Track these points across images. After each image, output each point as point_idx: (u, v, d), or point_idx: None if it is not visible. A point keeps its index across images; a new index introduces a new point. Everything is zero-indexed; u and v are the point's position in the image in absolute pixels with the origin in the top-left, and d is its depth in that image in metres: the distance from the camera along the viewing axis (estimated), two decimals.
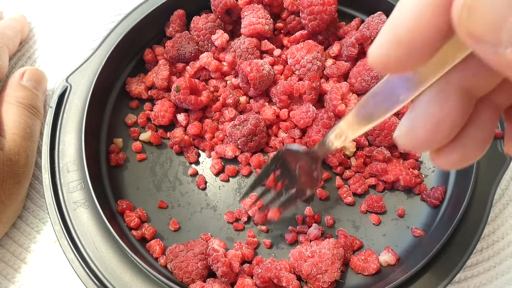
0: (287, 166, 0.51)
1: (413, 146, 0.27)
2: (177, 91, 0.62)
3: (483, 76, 0.23)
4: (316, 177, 0.49)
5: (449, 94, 0.25)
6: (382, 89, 0.29)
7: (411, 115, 0.26)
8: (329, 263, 0.52)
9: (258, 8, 0.67)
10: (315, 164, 0.48)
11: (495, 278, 0.59)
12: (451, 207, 0.57)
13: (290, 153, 0.50)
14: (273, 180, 0.54)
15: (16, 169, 0.58)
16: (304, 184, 0.51)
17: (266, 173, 0.54)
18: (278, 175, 0.53)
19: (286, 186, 0.53)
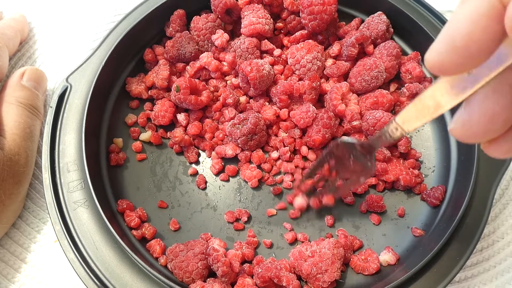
0: (342, 157, 0.53)
1: (469, 137, 0.29)
2: (177, 91, 0.62)
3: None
4: (370, 166, 0.50)
5: (504, 92, 0.27)
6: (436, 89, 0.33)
7: (467, 110, 0.29)
8: (329, 262, 0.52)
9: (258, 8, 0.67)
10: (369, 155, 0.50)
11: (495, 278, 0.59)
12: (451, 207, 0.57)
13: (344, 145, 0.52)
14: (327, 170, 0.56)
15: (16, 169, 0.58)
16: (357, 173, 0.52)
17: (321, 164, 0.56)
18: (332, 165, 0.55)
19: (340, 175, 0.55)
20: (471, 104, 0.29)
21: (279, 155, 0.64)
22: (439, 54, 0.25)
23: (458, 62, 0.24)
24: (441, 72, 0.26)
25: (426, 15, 0.68)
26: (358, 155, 0.51)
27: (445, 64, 0.25)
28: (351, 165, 0.52)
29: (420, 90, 0.65)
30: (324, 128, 0.61)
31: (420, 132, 0.67)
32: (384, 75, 0.65)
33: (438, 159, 0.64)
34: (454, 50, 0.24)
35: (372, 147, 0.49)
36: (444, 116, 0.65)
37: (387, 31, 0.68)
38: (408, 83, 0.66)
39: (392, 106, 0.65)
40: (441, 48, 0.25)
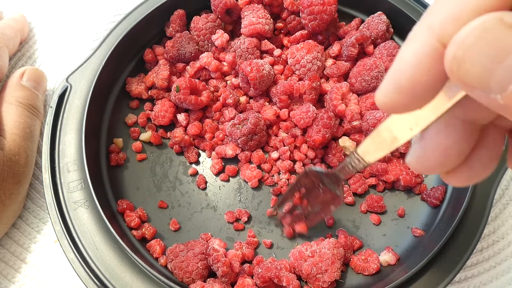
0: (311, 185, 0.54)
1: (424, 170, 0.30)
2: (177, 91, 0.62)
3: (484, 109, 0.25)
4: (340, 195, 0.51)
5: (455, 126, 0.28)
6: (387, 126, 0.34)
7: (421, 144, 0.30)
8: (329, 262, 0.52)
9: (258, 8, 0.67)
10: (337, 184, 0.51)
11: (495, 278, 0.59)
12: (451, 207, 0.57)
13: (312, 174, 0.53)
14: (299, 198, 0.57)
15: (16, 169, 0.58)
16: (328, 201, 0.53)
17: (292, 192, 0.56)
18: (303, 193, 0.56)
19: (311, 203, 0.55)
20: (425, 138, 0.29)
21: (279, 155, 0.64)
22: (387, 95, 0.25)
23: (404, 102, 0.25)
24: (390, 111, 0.26)
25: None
26: (327, 184, 0.52)
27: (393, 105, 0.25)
28: (321, 194, 0.53)
29: None
30: (324, 128, 0.61)
31: None
32: (384, 75, 0.65)
33: None
34: (400, 91, 0.24)
35: (338, 178, 0.49)
36: None
37: (387, 31, 0.68)
38: None
39: None
40: (388, 89, 0.25)
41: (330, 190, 0.52)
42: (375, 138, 0.36)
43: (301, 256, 0.54)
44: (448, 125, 0.28)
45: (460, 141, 0.28)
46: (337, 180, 0.50)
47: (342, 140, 0.63)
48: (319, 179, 0.53)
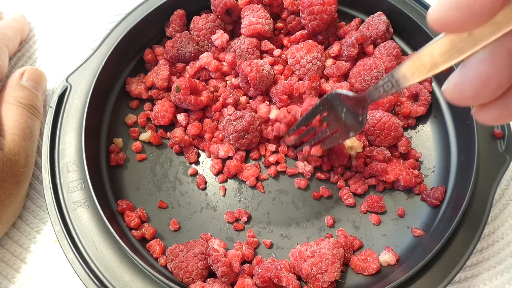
0: (334, 109, 0.53)
1: (460, 99, 0.29)
2: (177, 91, 0.62)
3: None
4: (361, 121, 0.51)
5: (501, 56, 0.27)
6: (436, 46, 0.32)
7: (462, 72, 0.29)
8: (329, 263, 0.52)
9: (258, 8, 0.67)
10: (362, 109, 0.50)
11: (495, 278, 0.59)
12: (451, 207, 0.57)
13: (338, 97, 0.52)
14: (319, 120, 0.56)
15: (16, 169, 0.58)
16: (348, 126, 0.53)
17: (313, 114, 0.56)
18: (324, 116, 0.55)
19: (331, 127, 0.55)
20: (467, 66, 0.29)
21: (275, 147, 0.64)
22: (442, 11, 0.25)
23: (460, 19, 0.24)
24: (443, 29, 0.26)
25: (426, 15, 0.68)
26: (351, 107, 0.51)
27: (448, 21, 0.25)
28: (342, 118, 0.53)
29: (420, 90, 0.65)
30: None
31: (420, 132, 0.67)
32: (384, 75, 0.65)
33: (438, 159, 0.64)
34: (458, 7, 0.24)
35: (366, 100, 0.48)
36: (444, 116, 0.65)
37: (387, 31, 0.68)
38: None
39: (392, 106, 0.65)
40: (444, 4, 0.25)
41: (353, 114, 0.51)
42: (415, 61, 0.35)
43: (301, 256, 0.54)
44: (494, 53, 0.27)
45: (503, 73, 0.27)
46: (363, 104, 0.49)
47: (349, 140, 0.63)
48: (344, 101, 0.52)
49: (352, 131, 0.52)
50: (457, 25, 0.25)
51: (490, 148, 0.59)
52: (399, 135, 0.62)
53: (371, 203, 0.60)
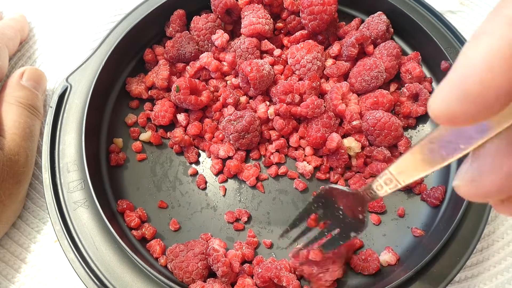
0: (331, 206, 0.49)
1: (479, 195, 0.26)
2: (177, 91, 0.62)
3: None
4: (362, 220, 0.46)
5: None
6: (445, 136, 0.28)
7: (476, 164, 0.25)
8: (330, 262, 0.52)
9: (258, 8, 0.67)
10: (361, 207, 0.46)
11: (495, 278, 0.59)
12: (451, 207, 0.57)
13: (334, 192, 0.48)
14: (314, 220, 0.51)
15: (16, 169, 0.58)
16: (348, 225, 0.48)
17: (308, 212, 0.51)
18: (320, 215, 0.50)
19: (329, 227, 0.50)
20: (481, 158, 0.25)
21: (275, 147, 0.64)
22: (448, 103, 0.21)
23: (471, 112, 0.21)
24: (450, 123, 0.22)
25: (426, 15, 0.68)
26: (350, 205, 0.47)
27: (456, 115, 0.21)
28: (341, 216, 0.48)
29: (420, 90, 0.64)
30: (323, 127, 0.61)
31: (420, 132, 0.67)
32: (384, 75, 0.65)
33: None
34: (467, 98, 0.21)
35: (363, 198, 0.45)
36: None
37: (387, 31, 0.68)
38: (408, 83, 0.66)
39: (392, 106, 0.65)
40: (449, 95, 0.21)
41: (353, 212, 0.46)
42: (416, 154, 0.31)
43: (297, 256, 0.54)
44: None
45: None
46: (361, 202, 0.45)
47: (347, 141, 0.63)
48: (341, 198, 0.47)
49: (353, 231, 0.47)
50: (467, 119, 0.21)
51: None
52: (399, 135, 0.62)
53: (371, 203, 0.60)
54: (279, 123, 0.63)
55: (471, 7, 0.81)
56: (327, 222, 0.50)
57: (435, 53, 0.65)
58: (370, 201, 0.44)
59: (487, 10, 0.81)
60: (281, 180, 0.64)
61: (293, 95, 0.63)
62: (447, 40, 0.66)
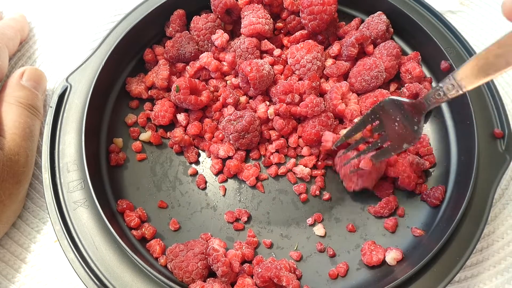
0: (387, 118, 0.51)
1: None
2: (177, 91, 0.62)
3: None
4: (416, 131, 0.48)
5: None
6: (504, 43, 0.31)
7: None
8: (367, 172, 0.55)
9: (258, 8, 0.67)
10: (418, 117, 0.47)
11: (495, 278, 0.59)
12: (451, 207, 0.57)
13: (392, 104, 0.50)
14: (370, 130, 0.54)
15: (16, 169, 0.58)
16: (402, 137, 0.50)
17: (364, 123, 0.53)
18: (375, 126, 0.53)
19: (383, 138, 0.52)
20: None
21: (275, 147, 0.64)
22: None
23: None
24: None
25: (426, 15, 0.68)
26: (406, 116, 0.48)
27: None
28: (396, 128, 0.50)
29: (420, 90, 0.64)
30: (319, 125, 0.61)
31: None
32: (384, 75, 0.65)
33: (438, 159, 0.64)
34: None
35: (423, 107, 0.46)
36: (444, 116, 0.65)
37: (387, 31, 0.68)
38: (408, 83, 0.66)
39: None
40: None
41: (408, 123, 0.48)
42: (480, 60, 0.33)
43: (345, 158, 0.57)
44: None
45: None
46: (419, 111, 0.47)
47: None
48: (398, 110, 0.49)
49: (406, 142, 0.50)
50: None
51: (490, 148, 0.59)
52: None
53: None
54: (279, 123, 0.63)
55: (471, 7, 0.81)
56: (382, 133, 0.52)
57: (435, 53, 0.65)
58: (428, 109, 0.45)
59: (487, 10, 0.81)
60: (281, 180, 0.64)
61: (293, 95, 0.63)
62: (447, 40, 0.66)
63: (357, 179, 0.58)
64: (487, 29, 0.79)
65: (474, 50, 0.65)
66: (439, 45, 0.64)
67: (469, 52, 0.65)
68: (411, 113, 0.48)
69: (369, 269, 0.57)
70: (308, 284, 0.55)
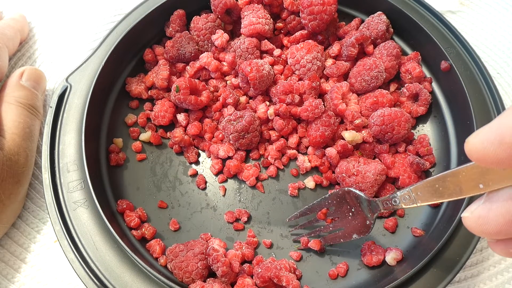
0: (343, 206, 0.54)
1: (480, 232, 0.29)
2: (177, 91, 0.62)
3: None
4: (368, 226, 0.52)
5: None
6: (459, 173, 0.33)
7: (487, 206, 0.28)
8: (369, 185, 0.58)
9: (258, 8, 0.67)
10: (371, 214, 0.51)
11: (495, 278, 0.59)
12: (451, 207, 0.57)
13: (351, 195, 0.53)
14: (324, 214, 0.58)
15: (16, 169, 0.58)
16: (353, 227, 0.53)
17: (321, 205, 0.56)
18: (330, 211, 0.56)
19: (334, 223, 0.56)
20: (493, 200, 0.28)
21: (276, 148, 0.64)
22: (484, 145, 0.24)
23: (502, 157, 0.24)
24: (480, 161, 0.25)
25: (426, 15, 0.68)
26: (362, 209, 0.52)
27: (488, 156, 0.24)
28: (349, 218, 0.54)
29: (420, 90, 0.64)
30: (323, 126, 0.61)
31: (420, 132, 0.66)
32: (384, 75, 0.65)
33: (438, 159, 0.64)
34: (501, 145, 0.23)
35: (377, 207, 0.50)
36: (444, 116, 0.65)
37: (387, 31, 0.68)
38: (408, 83, 0.66)
39: (392, 106, 0.65)
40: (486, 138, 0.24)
41: (362, 216, 0.52)
42: (437, 182, 0.35)
43: (347, 172, 0.58)
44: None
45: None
46: (374, 209, 0.51)
47: (349, 135, 0.62)
48: (356, 201, 0.53)
49: (357, 233, 0.53)
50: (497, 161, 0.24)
51: None
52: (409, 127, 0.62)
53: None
54: (279, 123, 0.63)
55: (471, 7, 0.81)
56: (335, 219, 0.55)
57: (435, 53, 0.65)
58: (383, 211, 0.49)
59: (487, 10, 0.81)
60: (281, 180, 0.64)
61: (293, 95, 0.63)
62: (447, 40, 0.66)
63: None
64: (487, 29, 0.79)
65: (474, 50, 0.65)
66: (439, 45, 0.64)
67: (469, 52, 0.65)
68: (366, 208, 0.52)
69: (369, 269, 0.57)
70: (308, 284, 0.55)
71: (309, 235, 0.58)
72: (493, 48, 0.77)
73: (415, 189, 0.40)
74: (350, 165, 0.59)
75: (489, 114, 0.61)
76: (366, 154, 0.63)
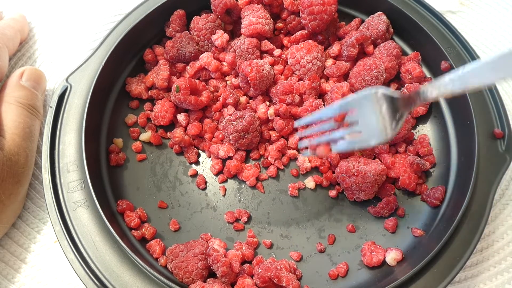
0: (367, 108, 0.47)
1: None
2: (177, 91, 0.62)
3: None
4: (394, 129, 0.45)
5: None
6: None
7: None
8: (369, 185, 0.57)
9: (258, 8, 0.67)
10: (401, 113, 0.44)
11: (495, 278, 0.59)
12: (451, 207, 0.57)
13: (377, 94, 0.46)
14: (341, 117, 0.50)
15: (16, 169, 0.58)
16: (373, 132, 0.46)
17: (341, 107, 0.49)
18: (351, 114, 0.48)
19: (353, 127, 0.48)
20: None
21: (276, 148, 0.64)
22: None
23: None
24: None
25: (426, 15, 0.68)
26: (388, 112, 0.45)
27: None
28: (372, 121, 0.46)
29: None
30: None
31: (420, 132, 0.67)
32: (384, 75, 0.65)
33: (438, 159, 0.64)
34: None
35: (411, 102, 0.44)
36: (444, 116, 0.65)
37: (387, 31, 0.68)
38: (408, 83, 0.66)
39: None
40: None
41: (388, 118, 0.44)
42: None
43: (347, 172, 0.58)
44: None
45: None
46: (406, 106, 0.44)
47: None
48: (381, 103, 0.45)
49: (376, 138, 0.46)
50: None
51: (490, 148, 0.59)
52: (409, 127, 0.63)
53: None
54: (279, 124, 0.63)
55: (471, 7, 0.81)
56: (354, 122, 0.48)
57: (435, 53, 0.65)
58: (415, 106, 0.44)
59: (487, 10, 0.81)
60: (281, 180, 0.64)
61: (293, 95, 0.63)
62: (447, 40, 0.66)
63: (358, 192, 0.59)
64: (487, 29, 0.79)
65: (474, 50, 0.65)
66: (439, 45, 0.64)
67: (469, 52, 0.65)
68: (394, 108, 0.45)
69: (369, 269, 0.57)
70: (308, 284, 0.55)
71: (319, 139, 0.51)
72: (493, 48, 0.77)
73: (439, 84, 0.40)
74: (350, 165, 0.59)
75: (489, 114, 0.61)
76: (366, 154, 0.63)
